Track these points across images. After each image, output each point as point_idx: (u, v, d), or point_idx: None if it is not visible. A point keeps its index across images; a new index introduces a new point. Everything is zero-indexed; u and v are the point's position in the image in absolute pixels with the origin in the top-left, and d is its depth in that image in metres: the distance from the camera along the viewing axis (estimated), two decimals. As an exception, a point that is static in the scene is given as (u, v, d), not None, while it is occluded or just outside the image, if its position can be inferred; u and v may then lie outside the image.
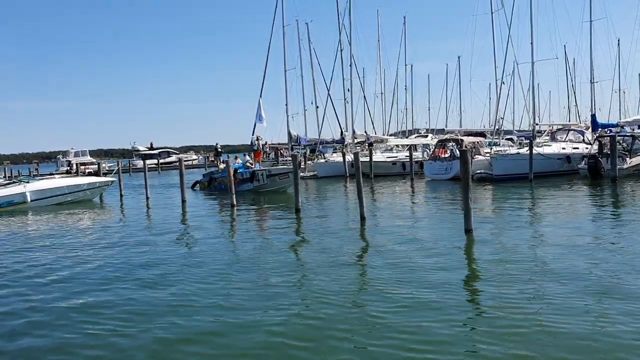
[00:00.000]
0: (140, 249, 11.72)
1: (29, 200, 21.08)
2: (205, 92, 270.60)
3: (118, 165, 30.53)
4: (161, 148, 66.95)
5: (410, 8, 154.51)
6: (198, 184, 28.60)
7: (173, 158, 62.09)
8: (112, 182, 25.06)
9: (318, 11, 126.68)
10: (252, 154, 30.44)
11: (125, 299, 7.75)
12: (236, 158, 29.43)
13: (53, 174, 37.88)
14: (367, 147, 34.59)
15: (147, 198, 23.78)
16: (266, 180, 24.40)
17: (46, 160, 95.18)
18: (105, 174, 29.03)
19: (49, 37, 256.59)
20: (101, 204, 23.14)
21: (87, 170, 39.39)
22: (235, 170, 24.49)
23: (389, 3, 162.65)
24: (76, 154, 60.81)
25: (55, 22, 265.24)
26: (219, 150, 30.93)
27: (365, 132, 38.88)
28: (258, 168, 26.48)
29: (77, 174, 33.84)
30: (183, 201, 20.80)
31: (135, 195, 26.52)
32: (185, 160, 34.08)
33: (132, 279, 8.91)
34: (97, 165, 32.88)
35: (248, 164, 26.85)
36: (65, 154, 63.78)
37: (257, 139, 31.55)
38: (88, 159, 60.36)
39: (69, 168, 48.89)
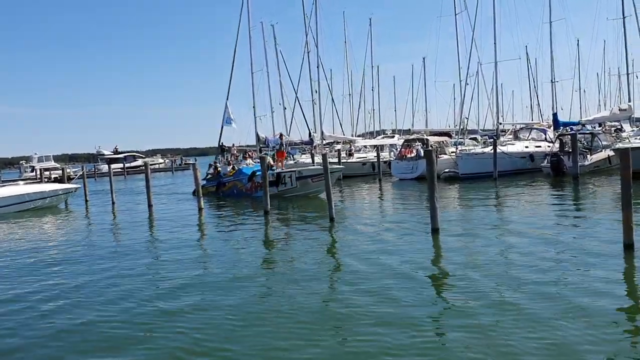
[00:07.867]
0: (102, 261, 11.46)
1: (-12, 208, 20.53)
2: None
3: (82, 170, 29.85)
4: (127, 152, 65.72)
5: (376, 10, 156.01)
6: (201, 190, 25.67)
7: (139, 162, 61.07)
8: (77, 189, 24.53)
9: (285, 12, 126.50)
10: (275, 154, 26.01)
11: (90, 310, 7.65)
12: (245, 159, 27.63)
13: (17, 181, 36.98)
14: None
15: (113, 204, 23.41)
16: (295, 183, 21.56)
17: (8, 167, 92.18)
18: (70, 179, 28.33)
19: (10, 40, 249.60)
20: (66, 210, 22.67)
21: (52, 176, 38.44)
22: (254, 173, 22.66)
23: (356, 5, 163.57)
24: (40, 160, 59.26)
25: (21, 25, 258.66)
26: (225, 150, 27.50)
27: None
28: (280, 170, 22.74)
29: (41, 179, 33.05)
30: (149, 206, 20.55)
31: (101, 201, 26.03)
32: (151, 164, 33.55)
33: (92, 292, 8.78)
34: (61, 171, 31.97)
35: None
36: (28, 159, 62.19)
37: (280, 136, 27.35)
38: (52, 164, 58.87)
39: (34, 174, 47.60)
